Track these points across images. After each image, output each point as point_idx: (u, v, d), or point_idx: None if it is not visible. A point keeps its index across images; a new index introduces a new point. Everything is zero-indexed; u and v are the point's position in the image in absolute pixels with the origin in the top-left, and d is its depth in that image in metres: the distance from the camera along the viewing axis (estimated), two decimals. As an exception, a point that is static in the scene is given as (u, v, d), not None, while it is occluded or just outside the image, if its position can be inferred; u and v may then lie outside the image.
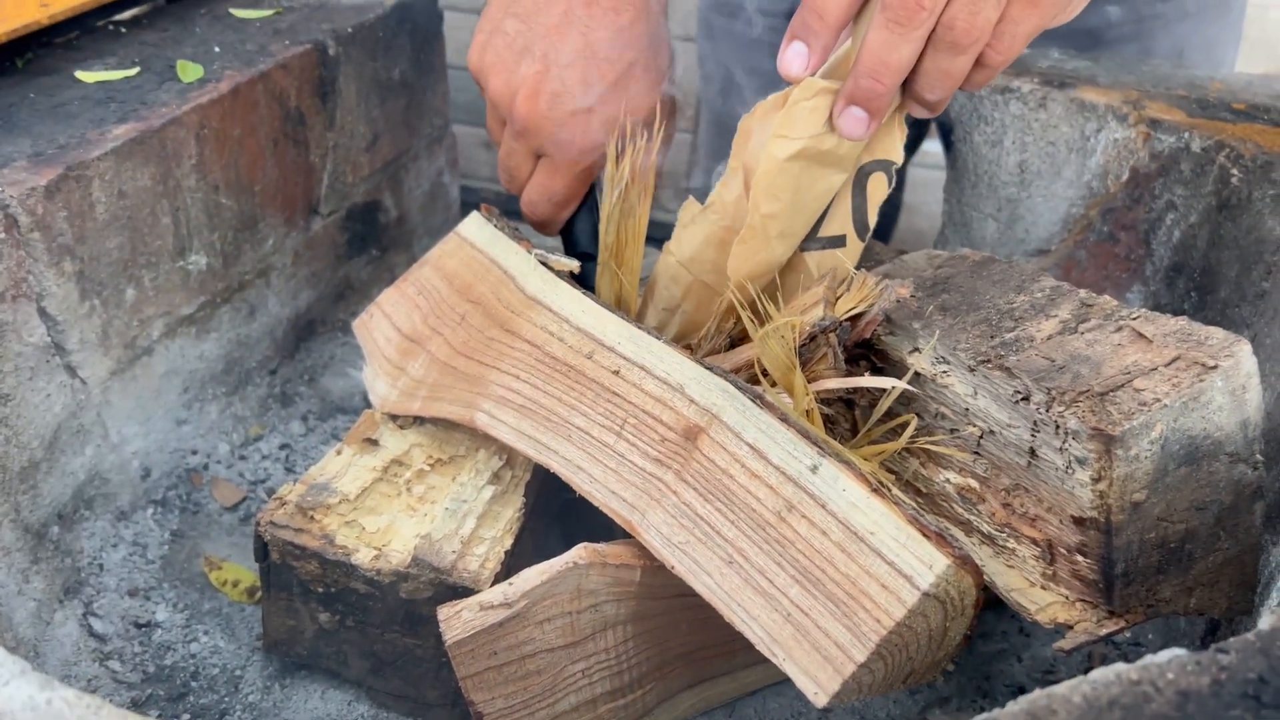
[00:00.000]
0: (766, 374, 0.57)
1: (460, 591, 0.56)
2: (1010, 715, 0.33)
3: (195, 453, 0.77)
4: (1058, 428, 0.49)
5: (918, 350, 0.57)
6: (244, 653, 0.65)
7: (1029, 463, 0.51)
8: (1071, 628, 0.50)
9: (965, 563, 0.46)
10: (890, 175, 0.61)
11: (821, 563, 0.48)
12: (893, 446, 0.56)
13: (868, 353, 0.61)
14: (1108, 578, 0.49)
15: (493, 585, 0.55)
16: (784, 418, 0.52)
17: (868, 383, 0.56)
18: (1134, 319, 0.53)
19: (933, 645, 0.49)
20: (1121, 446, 0.47)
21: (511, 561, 0.59)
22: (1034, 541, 0.52)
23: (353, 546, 0.58)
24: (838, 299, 0.60)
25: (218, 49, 0.79)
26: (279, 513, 0.59)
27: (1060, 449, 0.49)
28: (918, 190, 1.43)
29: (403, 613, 0.58)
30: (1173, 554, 0.50)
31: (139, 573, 0.69)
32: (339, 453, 0.64)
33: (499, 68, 0.68)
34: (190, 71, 0.74)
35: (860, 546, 0.47)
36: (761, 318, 0.59)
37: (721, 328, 0.66)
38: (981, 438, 0.54)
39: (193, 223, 0.73)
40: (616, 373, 0.58)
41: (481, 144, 2.15)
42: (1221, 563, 0.51)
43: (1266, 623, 0.37)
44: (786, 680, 0.49)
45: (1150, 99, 0.77)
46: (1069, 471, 0.49)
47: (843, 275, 0.61)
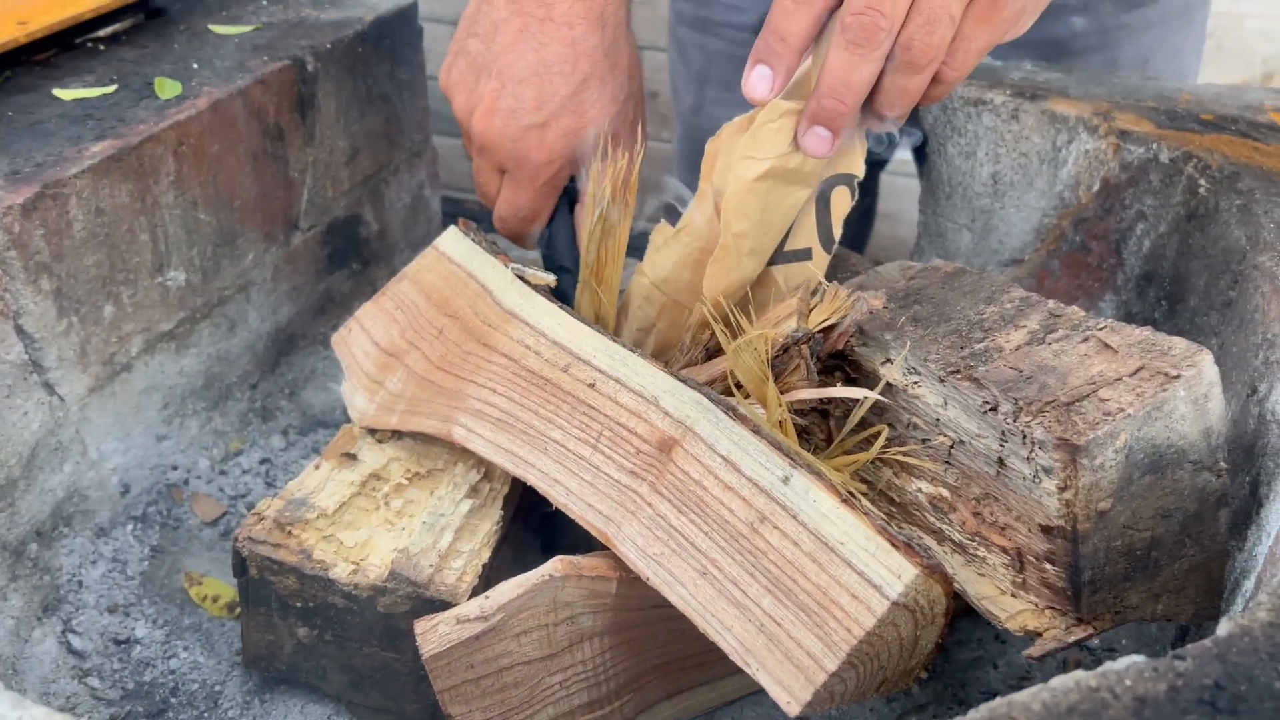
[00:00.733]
0: (740, 386, 0.58)
1: (438, 605, 0.56)
2: (971, 723, 0.34)
3: (175, 468, 0.77)
4: (1025, 437, 0.50)
5: (890, 361, 0.58)
6: (224, 668, 0.65)
7: (998, 472, 0.52)
8: (1041, 635, 0.51)
9: (934, 572, 0.47)
10: (853, 189, 0.62)
11: (793, 573, 0.49)
12: (864, 457, 0.56)
13: (842, 364, 0.61)
14: (1075, 585, 0.50)
15: (470, 598, 0.55)
16: (756, 429, 0.53)
17: (839, 393, 0.56)
18: (1100, 329, 0.53)
19: (904, 654, 0.50)
20: (1086, 456, 0.47)
21: (490, 575, 0.60)
22: (1004, 550, 0.53)
23: (330, 561, 0.58)
24: (810, 311, 0.61)
25: (196, 65, 0.79)
26: (257, 528, 0.60)
27: (1027, 458, 0.50)
28: (902, 198, 1.44)
29: (381, 627, 0.58)
30: (1139, 561, 0.50)
31: (118, 589, 0.69)
32: (317, 467, 0.64)
33: (461, 86, 0.70)
34: (168, 88, 0.75)
35: (831, 557, 0.48)
36: (735, 331, 0.60)
37: (697, 340, 0.67)
38: (952, 448, 0.55)
39: (171, 239, 0.73)
40: (592, 386, 0.58)
41: (465, 155, 2.15)
42: (1188, 569, 0.52)
43: (1224, 629, 0.37)
44: (764, 690, 0.49)
45: (1120, 110, 0.78)
46: (1036, 481, 0.50)
47: (814, 287, 0.62)
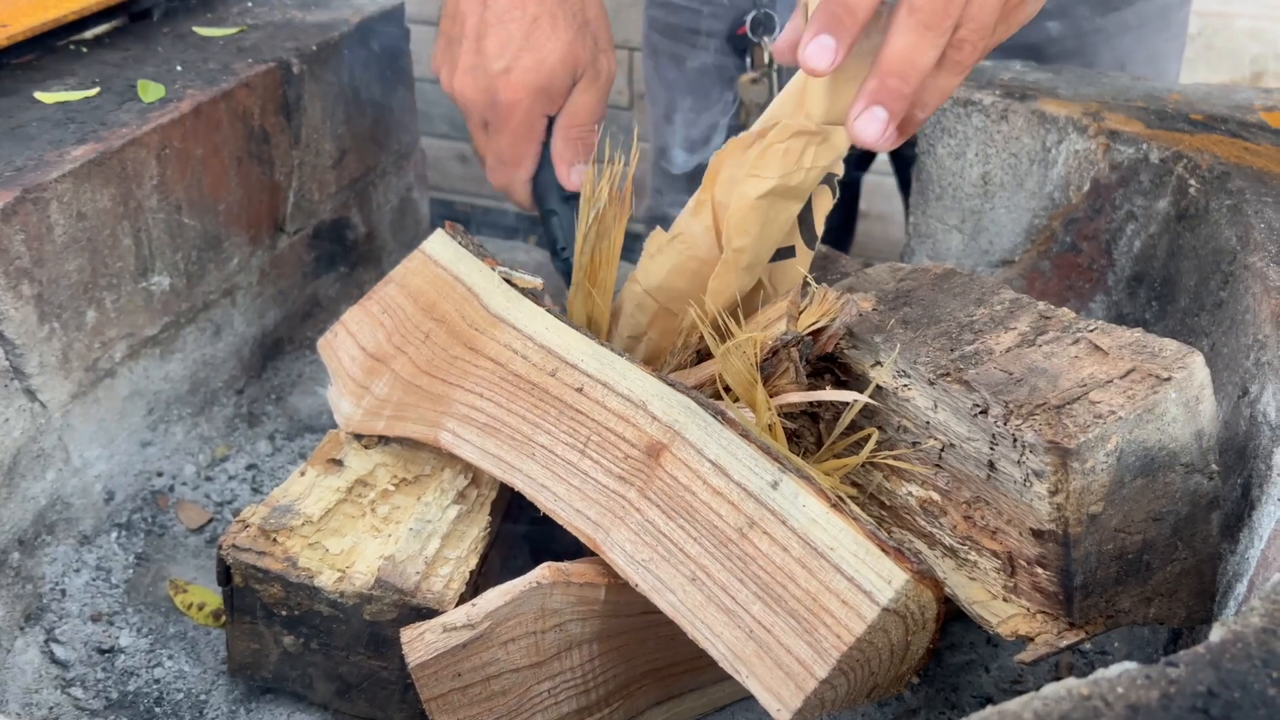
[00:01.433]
0: (729, 390, 0.58)
1: (424, 613, 0.56)
2: (962, 733, 0.33)
3: (160, 475, 0.76)
4: (1015, 441, 0.49)
5: (879, 364, 0.57)
6: (209, 677, 0.64)
7: (988, 475, 0.52)
8: (1032, 639, 0.50)
9: (925, 577, 0.46)
10: (833, 187, 0.64)
11: (783, 579, 0.48)
12: (854, 461, 0.56)
13: (831, 367, 0.61)
14: (1067, 589, 0.49)
15: (458, 606, 0.55)
16: (745, 434, 0.52)
17: (828, 396, 0.56)
18: (1091, 331, 0.53)
19: (895, 659, 0.49)
20: (1077, 459, 0.47)
21: (478, 582, 0.59)
22: (995, 554, 0.52)
23: (316, 569, 0.58)
24: (800, 314, 0.61)
25: (180, 68, 0.79)
26: (241, 535, 0.59)
27: (1018, 462, 0.49)
28: (892, 200, 1.44)
29: (367, 635, 0.58)
30: (1131, 565, 0.50)
31: (102, 597, 0.68)
32: (303, 474, 0.63)
33: (442, 64, 0.76)
34: (151, 91, 0.74)
35: (820, 562, 0.48)
36: (724, 334, 0.60)
37: (687, 344, 0.67)
38: (943, 451, 0.54)
39: (155, 243, 0.72)
40: (580, 390, 0.58)
41: (454, 156, 2.15)
42: (1180, 573, 0.51)
43: (1217, 635, 0.37)
44: (754, 696, 0.49)
45: (1110, 110, 0.78)
46: (1027, 484, 0.49)
47: (803, 289, 0.62)
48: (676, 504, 0.52)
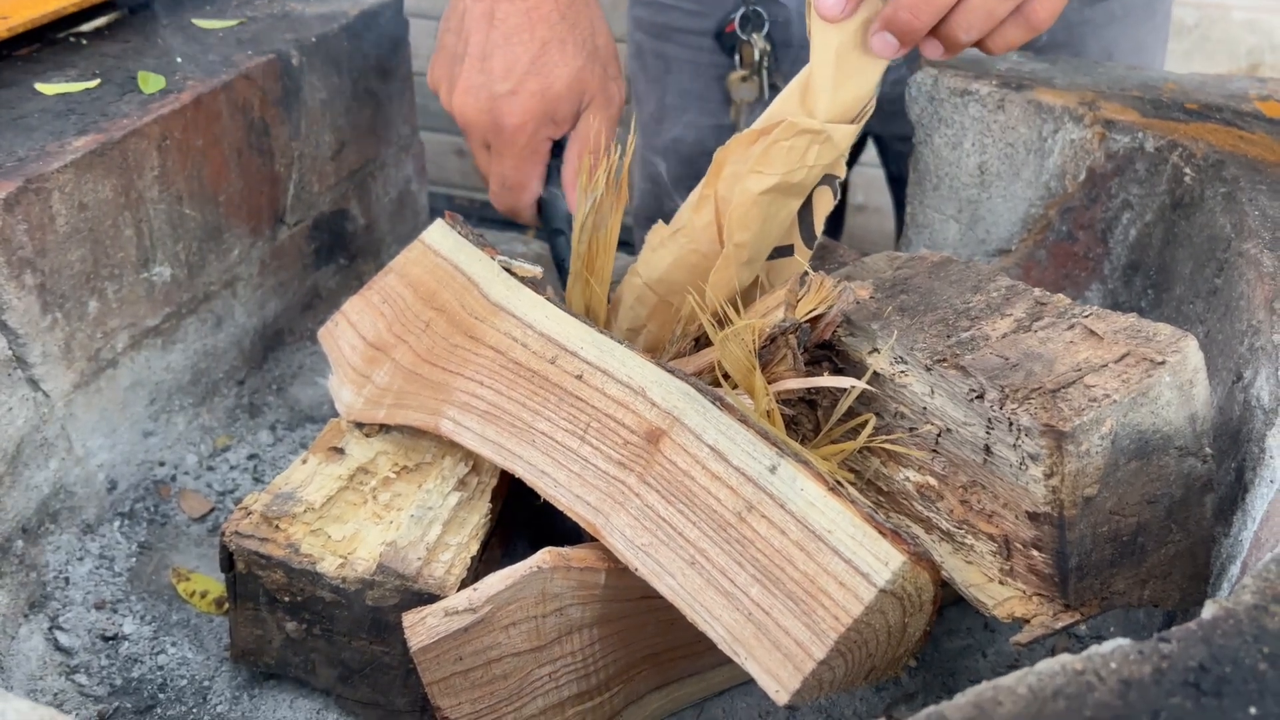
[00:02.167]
0: (728, 376, 0.58)
1: (426, 598, 0.56)
2: (957, 708, 0.34)
3: (163, 464, 0.77)
4: (1011, 425, 0.50)
5: (876, 350, 0.58)
6: (212, 663, 0.64)
7: (985, 460, 0.52)
8: (1028, 621, 0.51)
9: (921, 559, 0.47)
10: (834, 189, 0.65)
11: (781, 562, 0.49)
12: (851, 446, 0.56)
13: (829, 354, 0.61)
14: (1062, 572, 0.50)
15: (459, 591, 0.55)
16: (744, 419, 0.53)
17: (826, 383, 0.57)
18: (1086, 316, 0.54)
19: (892, 641, 0.50)
20: (1072, 442, 0.47)
21: (480, 567, 0.60)
22: (991, 537, 0.53)
23: (318, 555, 0.58)
24: (798, 301, 0.61)
25: (180, 60, 0.79)
26: (244, 522, 0.59)
27: (1014, 445, 0.50)
28: (889, 191, 1.44)
29: (369, 620, 0.58)
30: (1125, 547, 0.50)
31: (106, 585, 0.68)
32: (304, 461, 0.64)
33: (443, 78, 0.74)
34: (151, 82, 0.74)
35: (818, 545, 0.48)
36: (723, 323, 0.60)
37: (686, 332, 0.67)
38: (939, 436, 0.55)
39: (156, 234, 0.73)
40: (579, 377, 0.58)
41: (453, 150, 2.15)
42: (1174, 555, 0.52)
43: (1209, 612, 0.38)
44: (753, 680, 0.49)
45: (1105, 100, 0.78)
46: (1023, 468, 0.50)
47: (798, 274, 0.63)
48: (676, 489, 0.53)
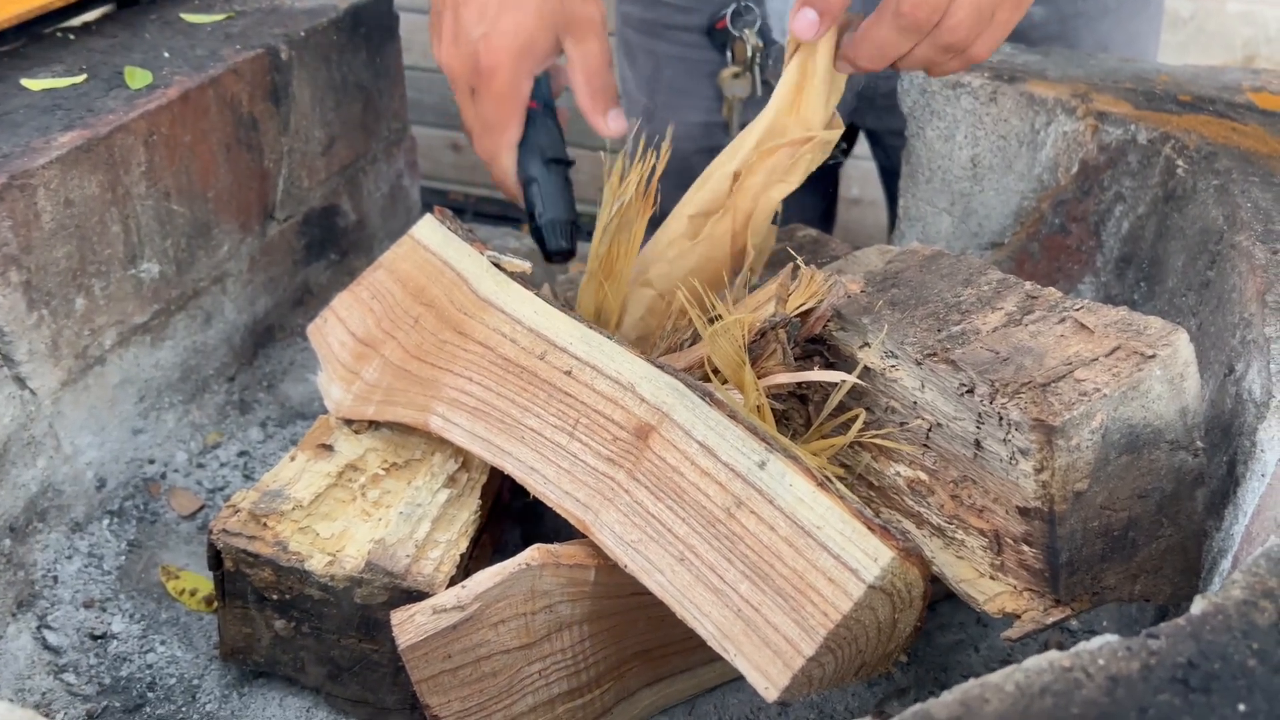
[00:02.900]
0: (718, 372, 0.58)
1: (415, 596, 0.56)
2: (944, 705, 0.33)
3: (152, 462, 0.77)
4: (1001, 419, 0.49)
5: (867, 345, 0.57)
6: (202, 662, 0.64)
7: (975, 454, 0.52)
8: (1019, 616, 0.51)
9: (910, 555, 0.47)
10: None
11: (770, 558, 0.49)
12: (841, 441, 0.56)
13: (820, 349, 0.61)
14: (1053, 567, 0.49)
15: (448, 588, 0.55)
16: (733, 414, 0.52)
17: (816, 377, 0.56)
18: (1077, 310, 0.53)
19: (882, 637, 0.50)
20: (1062, 437, 0.47)
21: (469, 565, 0.59)
22: (982, 532, 0.53)
23: (306, 553, 0.58)
24: (788, 296, 0.61)
25: (167, 55, 0.78)
26: (232, 520, 0.59)
27: (1004, 440, 0.50)
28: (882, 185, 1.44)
29: (358, 618, 0.58)
30: (1116, 542, 0.50)
31: (95, 584, 0.68)
32: (293, 459, 0.63)
33: (433, 38, 0.76)
34: (138, 78, 0.74)
35: (807, 541, 0.48)
36: (712, 316, 0.60)
37: (677, 326, 0.67)
38: (930, 430, 0.54)
39: (144, 230, 0.72)
40: (568, 373, 0.58)
41: (446, 146, 2.14)
42: (1165, 549, 0.52)
43: (1198, 608, 0.37)
44: (743, 675, 0.49)
45: (1098, 92, 0.78)
46: (1013, 462, 0.49)
47: (789, 268, 0.62)
48: (665, 485, 0.53)
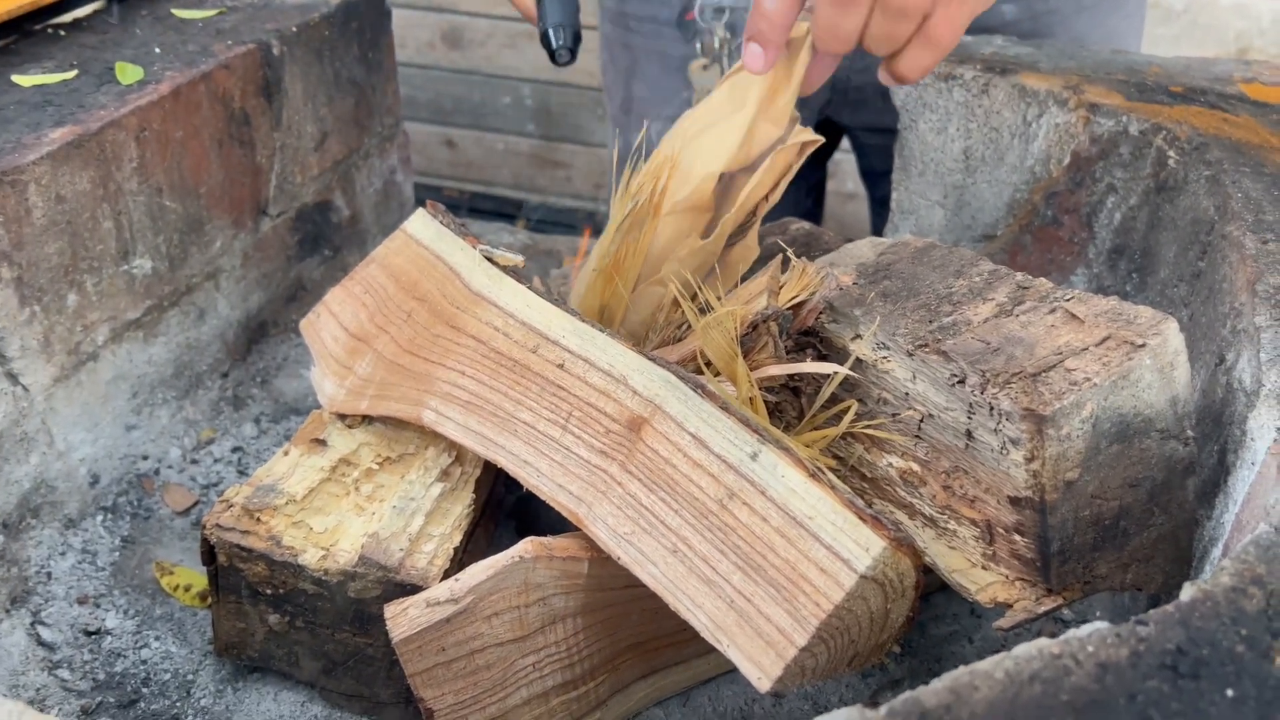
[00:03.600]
0: (710, 364, 0.58)
1: (409, 589, 0.56)
2: (934, 692, 0.34)
3: (146, 458, 0.77)
4: (991, 409, 0.49)
5: (859, 337, 0.57)
6: (196, 657, 0.64)
7: (966, 445, 0.52)
8: (1011, 606, 0.51)
9: (902, 545, 0.47)
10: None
11: (762, 549, 0.49)
12: (833, 432, 0.56)
13: (813, 340, 0.61)
14: (1044, 556, 0.50)
15: (442, 582, 0.55)
16: (725, 406, 0.52)
17: (807, 368, 0.56)
18: (1067, 300, 0.53)
19: (875, 628, 0.50)
20: (1053, 426, 0.47)
21: (463, 558, 0.59)
22: (974, 522, 0.53)
23: (300, 547, 0.58)
24: (780, 288, 0.61)
25: (158, 50, 0.78)
26: (225, 515, 0.59)
27: (995, 430, 0.50)
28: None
29: (352, 612, 0.58)
30: (1108, 531, 0.50)
31: (88, 580, 0.68)
32: (286, 453, 0.63)
33: None
34: (129, 73, 0.74)
35: (799, 531, 0.48)
36: (704, 309, 0.60)
37: (669, 319, 0.67)
38: (922, 421, 0.55)
39: (136, 226, 0.72)
40: (561, 366, 0.58)
41: (440, 141, 2.14)
42: (1156, 538, 0.52)
43: (1187, 595, 0.38)
44: (736, 667, 0.49)
45: (1090, 83, 0.78)
46: (1003, 452, 0.50)
47: (780, 260, 0.62)
48: (657, 477, 0.53)
